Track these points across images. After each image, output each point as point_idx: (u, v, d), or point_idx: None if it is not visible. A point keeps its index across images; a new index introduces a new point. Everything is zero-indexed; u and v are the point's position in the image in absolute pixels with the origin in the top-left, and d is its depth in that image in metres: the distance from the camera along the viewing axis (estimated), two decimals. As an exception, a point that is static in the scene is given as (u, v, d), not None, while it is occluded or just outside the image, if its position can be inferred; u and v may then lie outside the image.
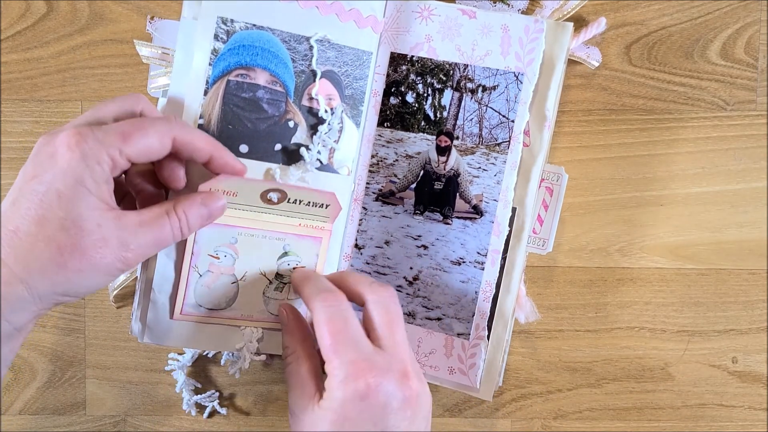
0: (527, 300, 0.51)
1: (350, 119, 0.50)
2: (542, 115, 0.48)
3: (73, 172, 0.36)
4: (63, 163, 0.36)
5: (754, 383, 0.53)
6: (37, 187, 0.36)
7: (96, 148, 0.37)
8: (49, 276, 0.36)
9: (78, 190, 0.36)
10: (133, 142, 0.38)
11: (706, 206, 0.52)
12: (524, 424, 0.54)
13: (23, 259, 0.35)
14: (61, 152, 0.36)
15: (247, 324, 0.49)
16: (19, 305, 0.36)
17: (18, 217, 0.36)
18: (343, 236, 0.51)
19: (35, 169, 0.37)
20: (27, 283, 0.36)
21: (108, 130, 0.38)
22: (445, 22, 0.50)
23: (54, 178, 0.36)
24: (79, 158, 0.36)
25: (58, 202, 0.36)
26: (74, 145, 0.36)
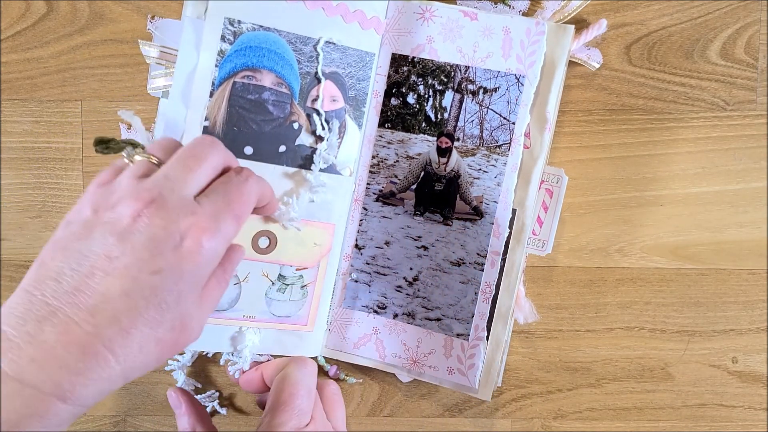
0: (526, 301, 0.52)
1: (353, 120, 0.50)
2: (543, 117, 0.49)
3: (198, 275, 0.35)
4: (191, 264, 0.34)
5: (754, 383, 0.53)
6: (159, 284, 0.33)
7: (222, 243, 0.36)
8: (144, 370, 0.34)
9: (195, 288, 0.35)
10: (243, 220, 0.37)
11: (706, 206, 0.52)
12: (524, 424, 0.54)
13: (132, 359, 0.33)
14: (189, 248, 0.34)
15: (248, 325, 0.50)
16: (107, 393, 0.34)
17: (134, 314, 0.33)
18: (343, 237, 0.52)
19: (156, 261, 0.33)
20: (126, 378, 0.34)
21: (225, 217, 0.36)
22: (447, 24, 0.50)
23: (179, 278, 0.34)
24: (207, 259, 0.35)
25: (176, 305, 0.34)
26: (206, 243, 0.35)
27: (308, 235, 0.49)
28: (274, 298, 0.50)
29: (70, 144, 0.53)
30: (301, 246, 0.49)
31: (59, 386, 0.31)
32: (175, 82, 0.48)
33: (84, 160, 0.53)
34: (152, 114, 0.52)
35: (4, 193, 0.53)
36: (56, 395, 0.31)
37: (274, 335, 0.51)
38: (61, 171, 0.53)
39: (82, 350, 0.32)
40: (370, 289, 0.52)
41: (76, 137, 0.53)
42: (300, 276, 0.50)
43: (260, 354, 0.50)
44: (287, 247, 0.49)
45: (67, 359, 0.31)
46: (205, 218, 0.35)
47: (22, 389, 0.31)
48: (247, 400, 0.55)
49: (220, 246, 0.36)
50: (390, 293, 0.52)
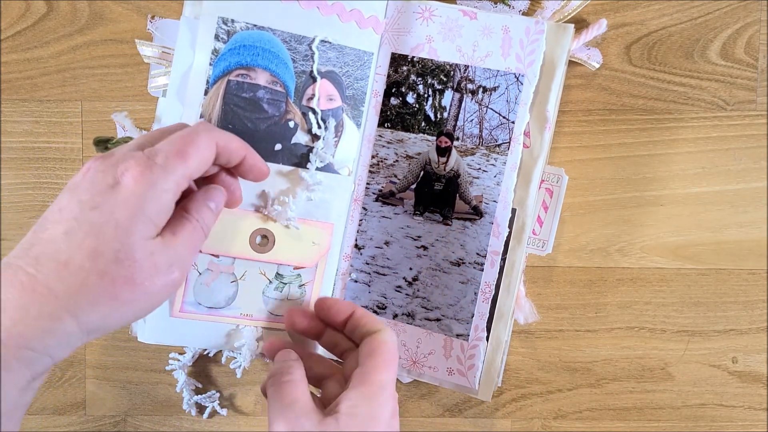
0: (526, 301, 0.52)
1: (351, 120, 0.51)
2: (543, 116, 0.49)
3: (138, 204, 0.35)
4: (127, 195, 0.35)
5: (754, 383, 0.53)
6: (96, 218, 0.35)
7: (162, 177, 0.36)
8: (100, 310, 0.35)
9: (138, 220, 0.35)
10: (191, 159, 0.37)
11: (706, 206, 0.52)
12: (524, 424, 0.54)
13: (75, 294, 0.34)
14: (126, 183, 0.35)
15: (246, 323, 0.50)
16: (66, 339, 0.35)
17: (71, 249, 0.34)
18: (343, 236, 0.52)
19: (94, 199, 0.35)
20: (78, 317, 0.34)
21: (167, 153, 0.37)
22: (446, 23, 0.50)
23: (115, 208, 0.35)
24: (146, 189, 0.36)
25: (115, 233, 0.35)
26: (139, 175, 0.35)
27: (306, 234, 0.49)
28: (272, 297, 0.50)
29: (70, 144, 0.54)
30: (299, 245, 0.49)
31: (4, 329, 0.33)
32: (172, 80, 0.48)
33: (84, 160, 0.54)
34: (152, 114, 0.52)
35: (4, 193, 0.54)
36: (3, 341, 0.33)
37: (273, 334, 0.51)
38: (61, 171, 0.54)
39: (20, 289, 0.34)
40: (369, 289, 0.52)
41: (76, 137, 0.53)
42: (298, 275, 0.51)
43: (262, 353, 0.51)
44: (285, 246, 0.49)
45: (8, 303, 0.33)
46: (143, 157, 0.36)
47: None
48: (247, 400, 0.55)
49: (161, 179, 0.36)
50: (390, 293, 0.52)
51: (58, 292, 0.34)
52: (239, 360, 0.51)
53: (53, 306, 0.34)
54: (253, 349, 0.50)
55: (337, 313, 0.46)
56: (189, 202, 0.40)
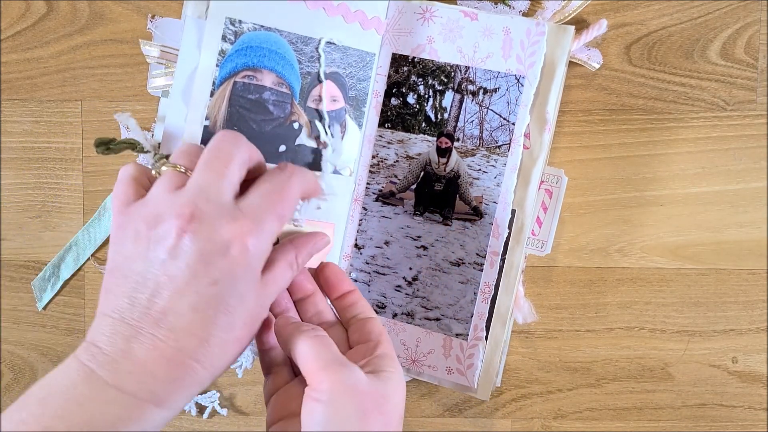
0: (525, 301, 0.52)
1: (353, 120, 0.51)
2: (543, 117, 0.49)
3: (252, 271, 0.37)
4: (242, 268, 0.36)
5: (754, 383, 0.54)
6: (221, 294, 0.36)
7: (267, 241, 0.38)
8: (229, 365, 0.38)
9: (251, 283, 0.37)
10: (287, 218, 0.39)
11: (706, 206, 0.53)
12: (524, 424, 0.55)
13: (215, 362, 0.37)
14: (237, 254, 0.36)
15: None
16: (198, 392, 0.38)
17: (208, 326, 0.36)
18: (343, 236, 0.52)
19: (209, 272, 0.36)
20: (214, 377, 0.37)
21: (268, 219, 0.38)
22: (447, 24, 0.50)
23: (236, 282, 0.36)
24: (256, 259, 0.37)
25: (241, 306, 0.37)
26: (251, 245, 0.37)
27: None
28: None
29: (70, 144, 0.54)
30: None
31: (154, 394, 0.35)
32: (176, 81, 0.48)
33: (84, 160, 0.54)
34: (152, 114, 0.53)
35: (4, 193, 0.54)
36: (152, 401, 0.35)
37: None
38: (61, 171, 0.54)
39: (168, 362, 0.35)
40: (369, 288, 0.52)
41: (76, 137, 0.54)
42: None
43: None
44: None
45: (157, 371, 0.35)
46: (247, 222, 0.37)
47: (121, 396, 0.34)
48: (247, 400, 0.55)
49: (265, 244, 0.37)
50: (389, 293, 0.52)
51: (205, 364, 0.36)
52: (240, 359, 0.51)
53: (200, 376, 0.36)
54: (254, 349, 0.50)
55: (342, 283, 0.46)
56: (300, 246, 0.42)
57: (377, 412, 0.39)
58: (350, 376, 0.39)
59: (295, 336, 0.42)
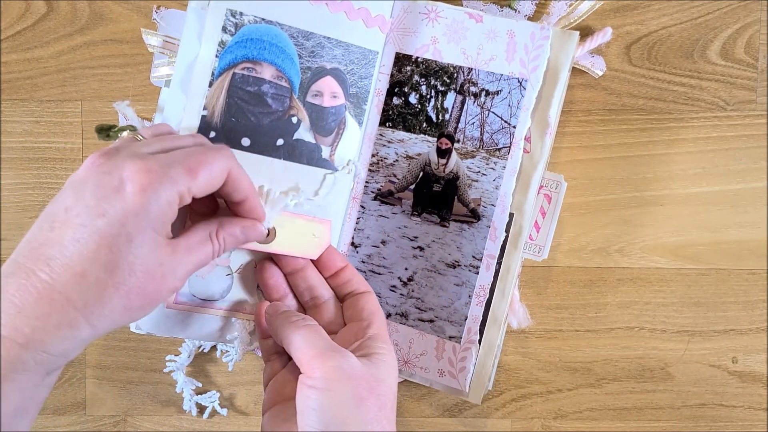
0: (521, 306, 0.53)
1: (353, 117, 0.51)
2: (544, 122, 0.50)
3: (145, 216, 0.36)
4: (134, 205, 0.36)
5: (754, 383, 0.54)
6: (107, 229, 0.35)
7: (168, 188, 0.37)
8: (113, 317, 0.37)
9: (147, 233, 0.36)
10: (200, 178, 0.38)
11: (706, 206, 0.53)
12: (524, 424, 0.55)
13: (93, 305, 0.36)
14: (131, 191, 0.36)
15: (239, 316, 0.51)
16: (80, 343, 0.37)
17: (86, 260, 0.35)
18: (340, 234, 0.53)
19: (100, 205, 0.36)
20: (94, 325, 0.36)
21: (176, 166, 0.37)
22: (452, 25, 0.51)
23: (124, 219, 0.36)
24: (151, 200, 0.36)
25: (128, 247, 0.36)
26: (147, 185, 0.36)
27: (307, 227, 0.50)
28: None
29: (70, 144, 0.54)
30: (300, 237, 0.50)
31: (18, 330, 0.34)
32: (176, 70, 0.49)
33: (84, 160, 0.54)
34: (152, 114, 0.53)
35: (4, 193, 0.55)
36: (16, 340, 0.34)
37: None
38: (61, 171, 0.54)
39: (38, 296, 0.35)
40: (364, 287, 0.53)
41: (76, 137, 0.54)
42: None
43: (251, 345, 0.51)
44: (286, 237, 0.49)
45: (24, 306, 0.35)
46: (151, 163, 0.37)
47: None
48: (247, 400, 0.56)
49: (166, 193, 0.37)
50: (384, 292, 0.53)
51: (77, 302, 0.35)
52: (231, 354, 0.52)
53: (72, 316, 0.35)
54: (246, 342, 0.51)
55: (333, 260, 0.48)
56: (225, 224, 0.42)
57: (372, 395, 0.40)
58: (344, 362, 0.40)
59: (285, 326, 0.43)
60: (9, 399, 0.35)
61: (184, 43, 0.49)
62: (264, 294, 0.50)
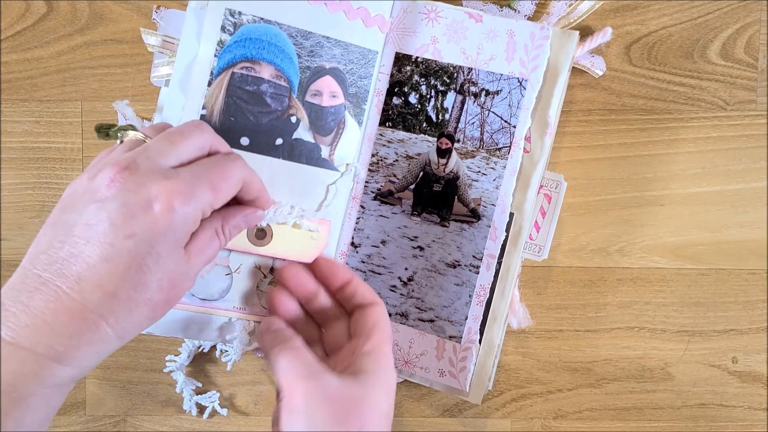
0: (521, 306, 0.53)
1: (353, 117, 0.52)
2: (544, 121, 0.50)
3: (172, 234, 0.37)
4: (163, 226, 0.36)
5: (754, 383, 0.54)
6: (136, 250, 0.36)
7: (193, 206, 0.38)
8: (140, 328, 0.38)
9: (173, 249, 0.38)
10: (221, 193, 0.39)
11: (706, 206, 0.53)
12: (524, 424, 0.55)
13: (123, 321, 0.37)
14: (159, 211, 0.36)
15: (239, 316, 0.51)
16: (107, 353, 0.38)
17: (117, 280, 0.36)
18: (339, 234, 0.53)
19: (128, 225, 0.36)
20: (122, 339, 0.38)
21: (200, 185, 0.38)
22: (452, 25, 0.51)
23: (153, 240, 0.36)
24: (180, 222, 0.37)
25: (156, 266, 0.37)
26: (177, 206, 0.37)
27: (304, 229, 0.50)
28: (266, 292, 0.51)
29: (70, 144, 0.55)
30: (297, 239, 0.50)
31: (52, 348, 0.35)
32: (175, 70, 0.49)
33: (84, 160, 0.55)
34: (152, 114, 0.53)
35: (4, 193, 0.55)
36: (50, 357, 0.35)
37: None
38: (61, 171, 0.55)
39: (70, 315, 0.35)
40: (364, 287, 0.53)
41: (76, 137, 0.54)
42: None
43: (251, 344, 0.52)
44: (283, 239, 0.50)
45: (56, 324, 0.35)
46: (178, 182, 0.37)
47: (17, 351, 0.34)
48: (247, 400, 0.56)
49: (192, 211, 0.38)
50: (384, 292, 0.53)
51: (110, 320, 0.36)
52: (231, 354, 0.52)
53: (105, 331, 0.36)
54: (245, 343, 0.51)
55: (336, 276, 0.48)
56: (229, 217, 0.43)
57: (352, 416, 0.40)
58: (320, 385, 0.40)
59: (271, 349, 0.44)
60: (37, 413, 0.36)
61: (183, 43, 0.49)
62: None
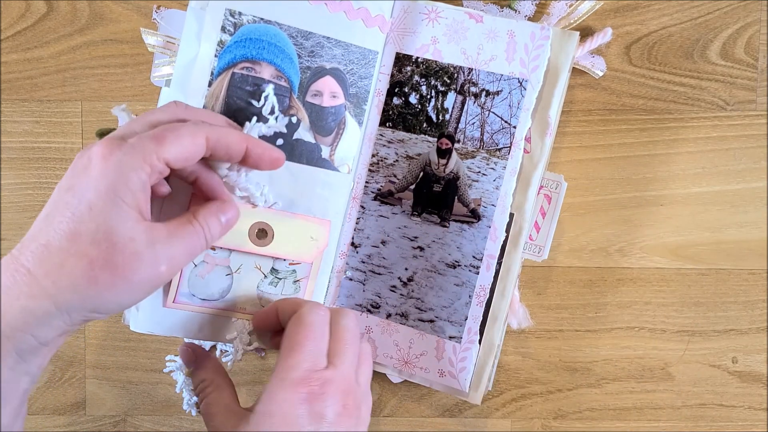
0: (521, 306, 0.54)
1: (353, 117, 0.52)
2: (545, 122, 0.51)
3: (106, 182, 0.36)
4: (96, 173, 0.37)
5: (754, 383, 0.55)
6: (70, 200, 0.36)
7: (131, 155, 0.37)
8: (79, 291, 0.36)
9: (111, 201, 0.37)
10: (168, 144, 0.38)
11: (706, 206, 0.54)
12: (524, 424, 0.56)
13: (53, 274, 0.36)
14: (95, 162, 0.37)
15: (239, 316, 0.52)
16: (45, 320, 0.36)
17: (50, 231, 0.36)
18: (339, 234, 0.53)
19: (69, 181, 0.37)
20: (55, 298, 0.36)
21: (142, 137, 0.38)
22: (452, 25, 0.52)
23: (87, 189, 0.36)
24: (114, 167, 0.37)
25: (89, 215, 0.36)
26: (108, 153, 0.37)
27: (305, 230, 0.51)
28: (266, 292, 0.51)
29: (70, 144, 0.55)
30: (297, 240, 0.50)
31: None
32: (176, 70, 0.50)
33: (84, 160, 0.55)
34: (152, 114, 0.54)
35: (4, 193, 0.56)
36: None
37: None
38: (61, 171, 0.55)
39: (5, 271, 0.36)
40: (364, 287, 0.54)
41: (76, 137, 0.55)
42: (293, 271, 0.52)
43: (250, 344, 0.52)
44: (284, 240, 0.50)
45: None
46: (114, 138, 0.38)
47: None
48: (248, 401, 0.57)
49: (131, 160, 0.37)
50: (384, 293, 0.53)
51: (37, 272, 0.36)
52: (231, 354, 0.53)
53: (32, 286, 0.36)
54: (245, 342, 0.51)
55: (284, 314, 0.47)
56: (199, 209, 0.42)
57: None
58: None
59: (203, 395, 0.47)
60: None
61: (184, 43, 0.50)
62: None
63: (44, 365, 0.38)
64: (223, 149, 0.42)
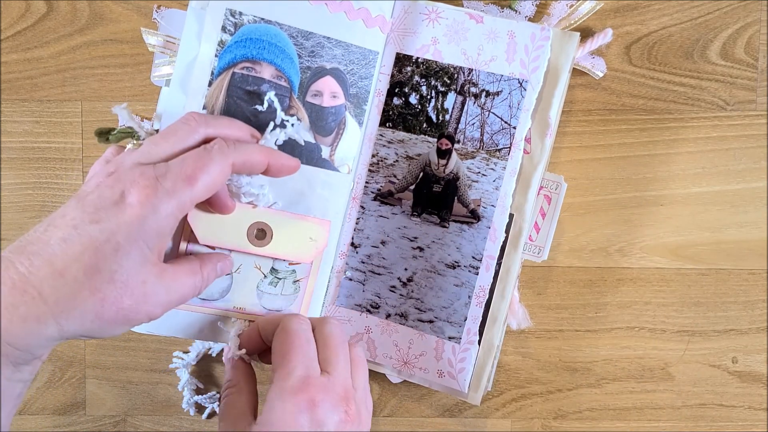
0: (520, 307, 0.54)
1: (353, 118, 0.52)
2: (545, 123, 0.51)
3: (140, 229, 0.37)
4: (129, 217, 0.37)
5: (754, 383, 0.55)
6: (97, 235, 0.36)
7: (166, 202, 0.38)
8: (84, 323, 0.37)
9: (139, 247, 0.37)
10: (199, 184, 0.39)
11: (706, 206, 0.54)
12: (524, 424, 0.56)
13: (64, 303, 0.36)
14: (131, 203, 0.37)
15: (238, 316, 0.52)
16: (45, 342, 0.37)
17: (68, 259, 0.36)
18: (339, 234, 0.54)
19: (97, 213, 0.37)
20: (60, 324, 0.36)
21: (174, 178, 0.38)
22: (452, 26, 0.52)
23: (118, 230, 0.37)
24: (150, 213, 0.37)
25: (114, 256, 0.36)
26: (145, 199, 0.37)
27: (304, 230, 0.51)
28: (266, 291, 0.52)
29: (70, 144, 0.55)
30: (296, 240, 0.51)
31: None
32: (176, 70, 0.50)
33: (84, 160, 0.55)
34: (152, 114, 0.54)
35: (4, 193, 0.56)
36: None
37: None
38: (61, 171, 0.56)
39: (12, 287, 0.35)
40: (364, 288, 0.54)
41: (76, 137, 0.55)
42: (293, 270, 0.52)
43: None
44: (283, 240, 0.50)
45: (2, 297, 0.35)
46: (150, 177, 0.38)
47: None
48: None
49: (165, 202, 0.38)
50: (384, 293, 0.53)
51: (49, 298, 0.36)
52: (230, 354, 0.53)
53: (41, 310, 0.36)
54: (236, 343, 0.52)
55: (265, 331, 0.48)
56: (204, 259, 0.44)
57: None
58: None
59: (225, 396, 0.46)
60: None
61: (184, 43, 0.50)
62: None
63: (36, 371, 0.39)
64: (246, 169, 0.43)
